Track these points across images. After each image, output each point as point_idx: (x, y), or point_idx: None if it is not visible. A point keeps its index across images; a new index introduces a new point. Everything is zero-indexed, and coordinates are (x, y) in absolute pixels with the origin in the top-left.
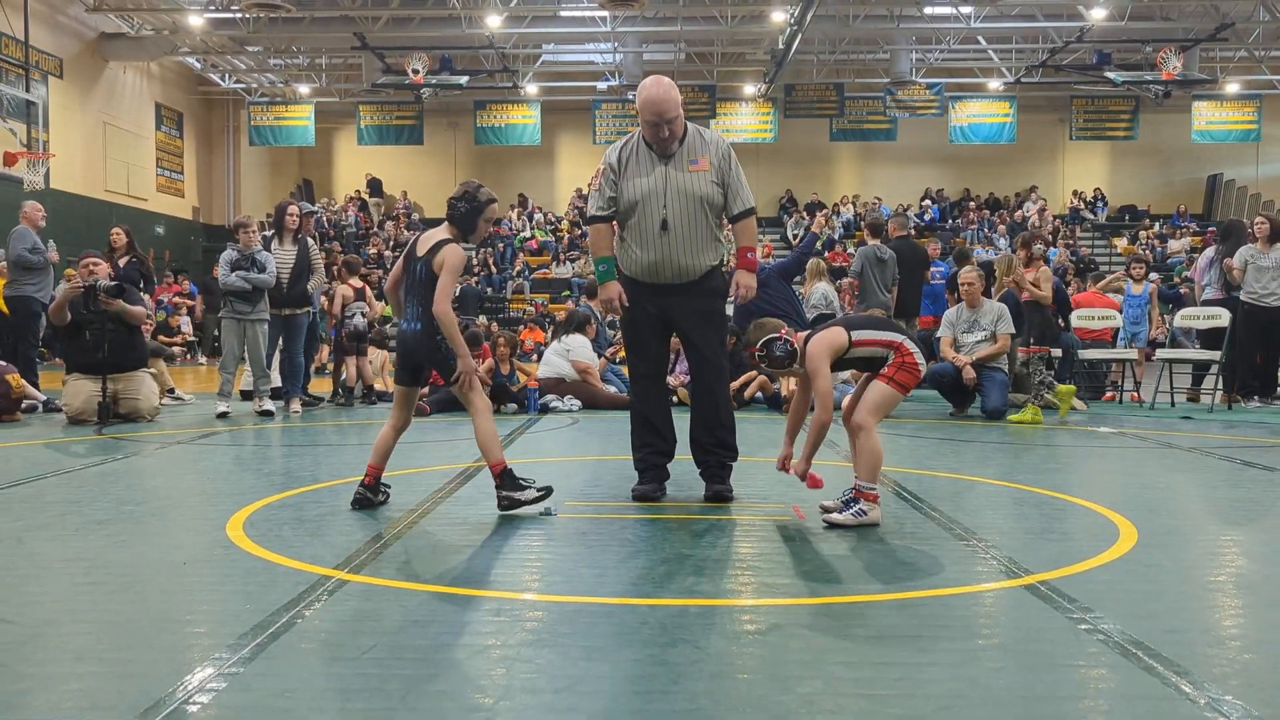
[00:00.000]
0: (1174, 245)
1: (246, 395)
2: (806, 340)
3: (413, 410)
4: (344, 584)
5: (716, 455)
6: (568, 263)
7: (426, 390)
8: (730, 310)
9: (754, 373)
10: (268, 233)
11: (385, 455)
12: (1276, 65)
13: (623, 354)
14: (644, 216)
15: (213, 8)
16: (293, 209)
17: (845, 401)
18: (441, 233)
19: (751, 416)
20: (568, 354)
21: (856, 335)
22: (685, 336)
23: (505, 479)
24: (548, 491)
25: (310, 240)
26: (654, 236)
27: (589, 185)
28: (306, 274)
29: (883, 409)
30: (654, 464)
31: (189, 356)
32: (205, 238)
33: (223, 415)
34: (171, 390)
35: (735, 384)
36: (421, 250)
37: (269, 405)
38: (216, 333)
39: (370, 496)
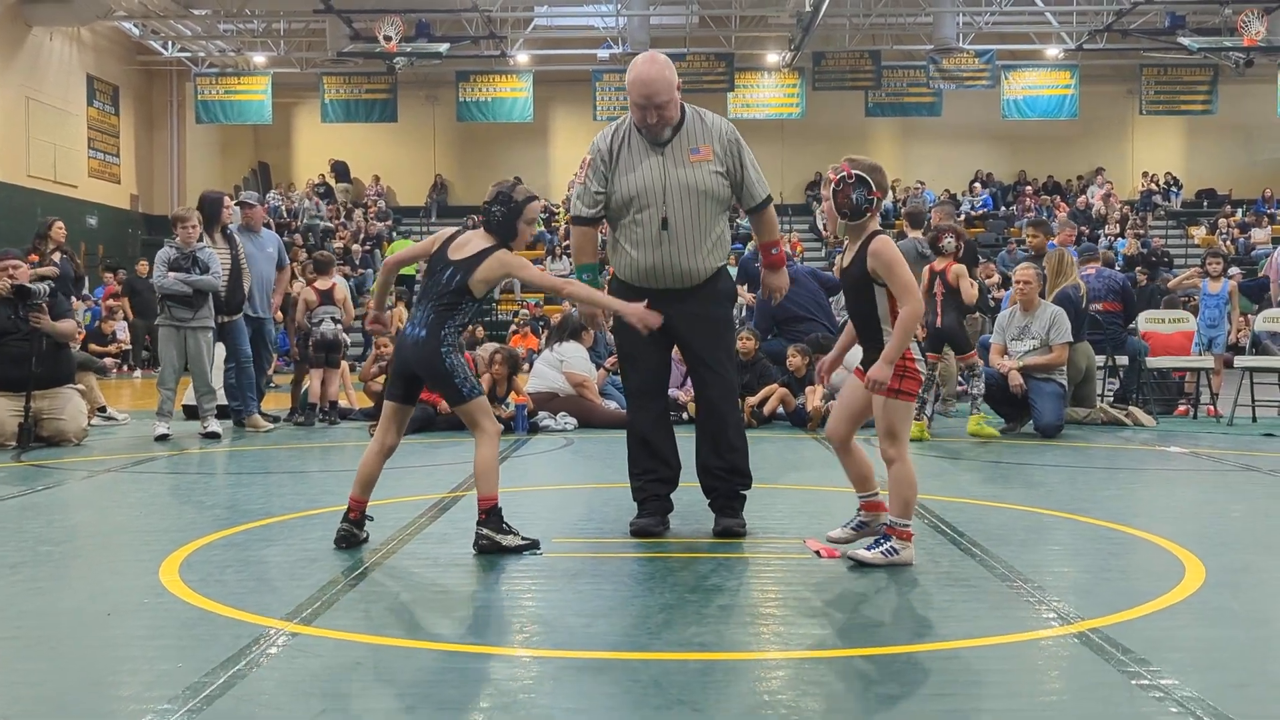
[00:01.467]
0: (1258, 235)
1: (192, 412)
2: (872, 235)
3: (403, 431)
4: (293, 637)
5: (728, 483)
6: (564, 258)
7: None
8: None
9: (774, 386)
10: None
11: (370, 483)
12: None
13: None
14: (639, 214)
15: None
16: (228, 200)
17: (830, 420)
18: (481, 239)
19: (772, 436)
20: (561, 365)
21: None
22: (688, 348)
23: (491, 518)
24: (533, 544)
25: (237, 236)
26: (652, 237)
27: (576, 178)
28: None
29: (903, 428)
30: (654, 494)
31: (124, 368)
32: (145, 230)
33: (162, 438)
34: (103, 409)
35: (754, 399)
36: (456, 255)
37: (215, 426)
38: (147, 341)
39: (356, 532)
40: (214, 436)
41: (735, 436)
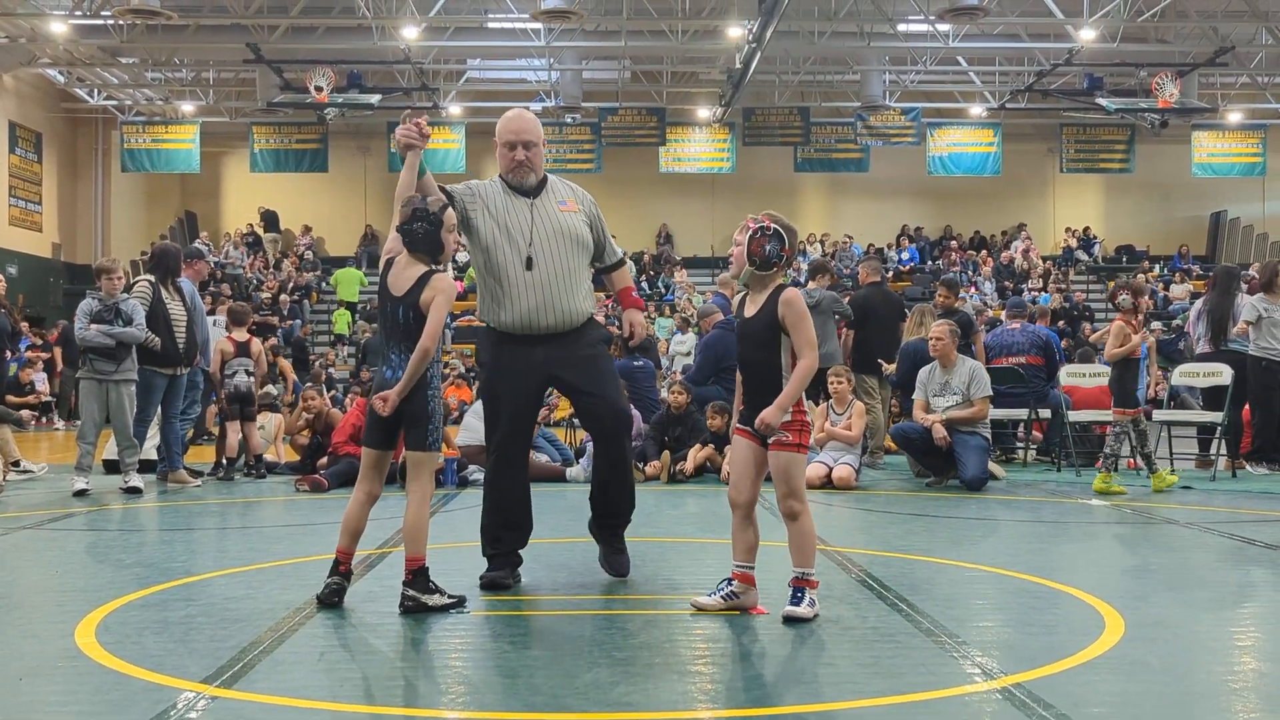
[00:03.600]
0: (1177, 290)
1: (112, 466)
2: (782, 286)
3: (384, 477)
4: (212, 701)
5: (616, 520)
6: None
7: (324, 461)
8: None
9: (700, 447)
10: (149, 276)
11: (357, 534)
12: None
13: (557, 417)
14: (514, 260)
15: (79, 13)
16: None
17: (733, 486)
18: (409, 264)
19: (700, 490)
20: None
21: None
22: (572, 386)
23: (418, 578)
24: (460, 601)
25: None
26: (528, 281)
27: None
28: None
29: (801, 481)
30: (506, 551)
31: (43, 420)
32: (67, 279)
33: (80, 493)
34: (17, 463)
35: (689, 463)
36: (400, 289)
37: (136, 481)
38: (75, 394)
39: (345, 585)
40: (135, 491)
41: (629, 477)
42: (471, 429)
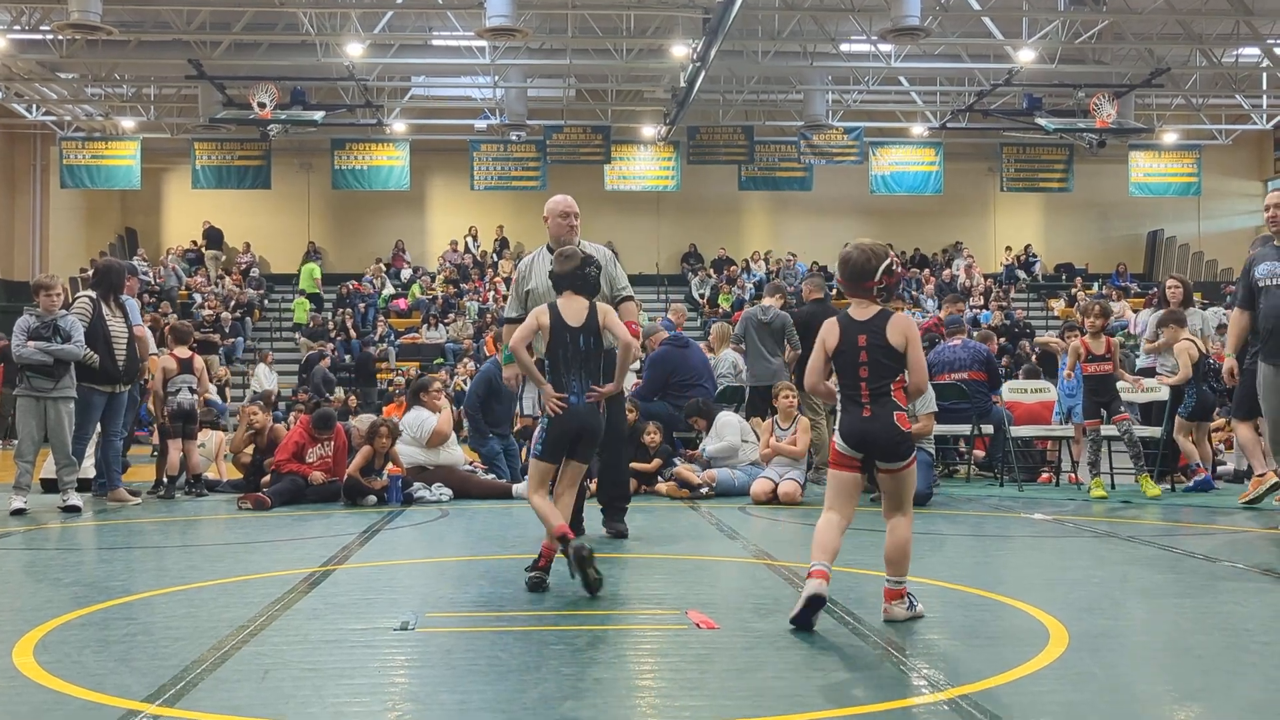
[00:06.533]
0: (1115, 307)
1: (50, 485)
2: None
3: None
4: None
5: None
6: (440, 326)
7: (268, 479)
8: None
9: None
10: (90, 293)
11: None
12: (1215, 114)
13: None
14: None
15: (17, 28)
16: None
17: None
18: (577, 299)
19: (648, 506)
20: (415, 438)
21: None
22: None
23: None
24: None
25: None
26: None
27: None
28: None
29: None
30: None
31: None
32: (4, 296)
33: (18, 512)
34: None
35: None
36: (575, 320)
37: (75, 499)
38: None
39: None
40: (74, 510)
41: (624, 473)
42: (406, 455)
